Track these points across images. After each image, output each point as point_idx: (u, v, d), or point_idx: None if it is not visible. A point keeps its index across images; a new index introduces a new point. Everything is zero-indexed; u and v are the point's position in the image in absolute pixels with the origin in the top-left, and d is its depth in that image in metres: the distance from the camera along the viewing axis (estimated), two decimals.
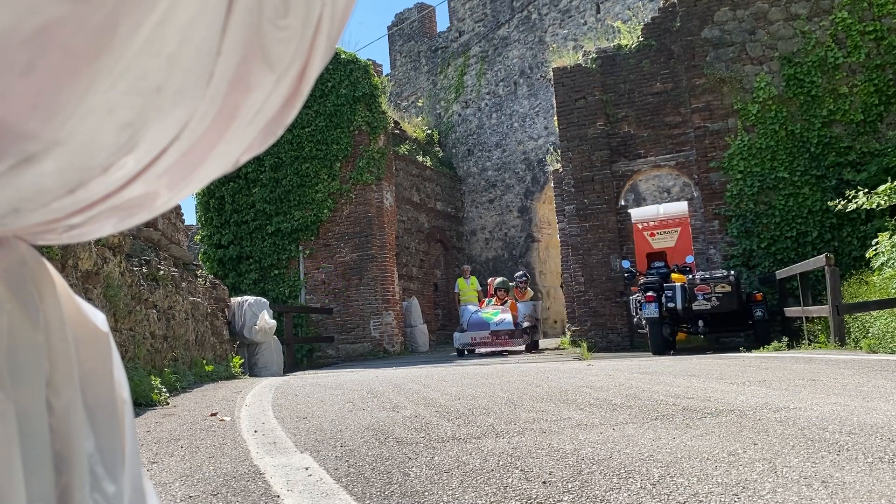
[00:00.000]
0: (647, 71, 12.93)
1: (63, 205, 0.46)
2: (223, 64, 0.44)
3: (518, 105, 21.09)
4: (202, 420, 4.41)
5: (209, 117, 0.46)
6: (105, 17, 0.37)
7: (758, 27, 11.90)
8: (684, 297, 10.22)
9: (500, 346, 13.41)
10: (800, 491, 1.95)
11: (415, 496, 2.17)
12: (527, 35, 20.94)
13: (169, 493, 2.44)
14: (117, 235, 5.99)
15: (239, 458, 3.00)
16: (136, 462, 0.59)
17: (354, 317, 15.25)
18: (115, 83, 0.40)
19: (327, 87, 15.47)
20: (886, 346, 7.00)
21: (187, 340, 7.85)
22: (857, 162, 11.10)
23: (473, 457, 2.67)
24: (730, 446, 2.58)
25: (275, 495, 2.29)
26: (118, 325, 5.95)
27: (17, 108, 0.38)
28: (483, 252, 21.52)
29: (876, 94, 11.11)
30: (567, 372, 6.64)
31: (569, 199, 13.26)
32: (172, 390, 6.18)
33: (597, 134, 13.09)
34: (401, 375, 7.28)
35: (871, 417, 3.04)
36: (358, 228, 15.39)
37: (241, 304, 10.18)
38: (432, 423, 3.57)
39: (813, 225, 11.26)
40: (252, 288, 15.19)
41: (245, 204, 15.88)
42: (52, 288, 0.53)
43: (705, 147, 12.10)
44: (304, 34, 0.46)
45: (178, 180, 0.51)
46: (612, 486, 2.12)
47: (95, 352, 0.58)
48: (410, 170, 19.06)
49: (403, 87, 23.98)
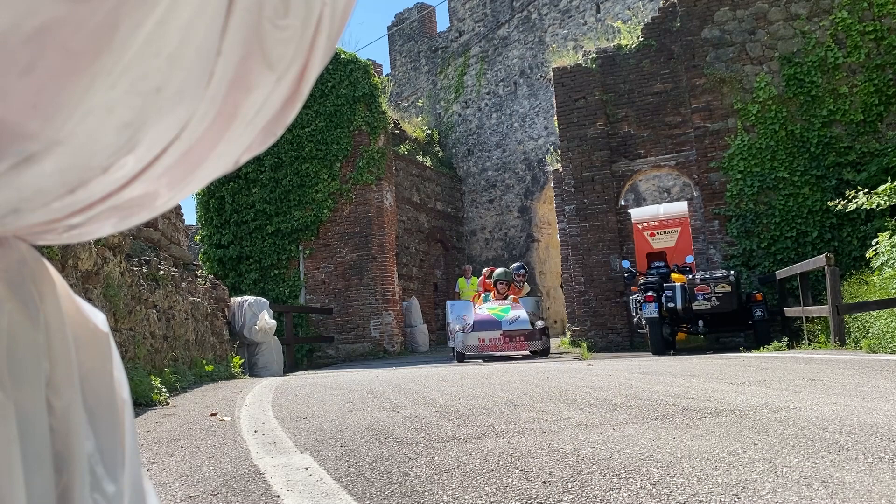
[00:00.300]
0: (647, 71, 12.93)
1: (63, 205, 0.46)
2: (223, 64, 0.44)
3: (518, 105, 21.09)
4: (202, 420, 4.40)
5: (209, 117, 0.46)
6: (105, 17, 0.37)
7: (758, 27, 11.90)
8: (684, 297, 10.22)
9: (515, 349, 10.90)
10: (800, 491, 1.95)
11: (415, 496, 2.17)
12: (527, 35, 20.93)
13: (169, 493, 2.44)
14: (117, 235, 5.98)
15: (239, 458, 3.00)
16: (136, 462, 0.59)
17: (354, 317, 15.25)
18: (115, 83, 0.40)
19: (327, 87, 15.47)
20: (886, 346, 7.00)
21: (187, 340, 7.85)
22: (857, 162, 11.10)
23: (473, 457, 2.67)
24: (730, 446, 2.58)
25: (275, 495, 2.29)
26: (118, 325, 5.95)
27: (17, 108, 0.38)
28: (483, 252, 21.51)
29: (876, 94, 11.11)
30: (567, 372, 6.64)
31: (569, 199, 13.26)
32: (172, 390, 6.18)
33: (597, 134, 13.09)
34: (401, 375, 7.28)
35: (871, 417, 3.04)
36: (358, 228, 15.39)
37: (241, 304, 10.18)
38: (432, 423, 3.57)
39: (813, 225, 11.26)
40: (252, 288, 15.19)
41: (245, 204, 15.88)
42: (52, 288, 0.53)
43: (705, 147, 12.10)
44: (304, 34, 0.46)
45: (179, 180, 0.51)
46: (612, 486, 2.12)
47: (95, 352, 0.58)
48: (410, 170, 19.06)
49: (403, 87, 23.98)
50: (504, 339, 10.67)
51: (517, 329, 10.74)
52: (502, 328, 10.74)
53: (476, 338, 10.71)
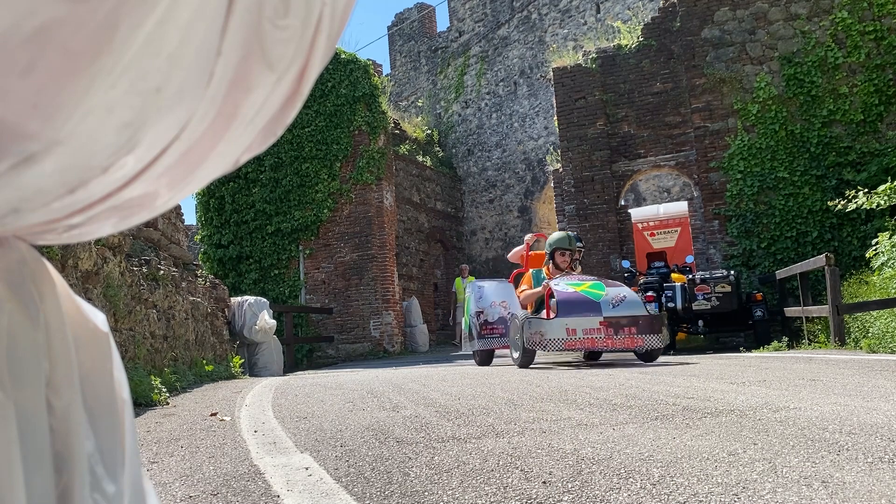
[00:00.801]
0: (647, 71, 12.93)
1: (63, 205, 0.46)
2: (223, 64, 0.44)
3: (518, 105, 21.09)
4: (202, 420, 4.41)
5: (209, 117, 0.46)
6: (105, 17, 0.37)
7: (758, 27, 11.90)
8: (684, 296, 10.23)
9: (623, 346, 6.99)
10: (800, 491, 1.95)
11: (415, 496, 2.17)
12: (527, 35, 20.93)
13: (169, 493, 2.44)
14: (117, 235, 5.98)
15: (239, 458, 3.00)
16: (136, 462, 0.59)
17: (354, 317, 15.25)
18: (115, 83, 0.40)
19: (327, 87, 15.47)
20: (886, 346, 7.00)
21: (187, 340, 7.85)
22: (857, 162, 11.10)
23: (473, 457, 2.67)
24: (730, 446, 2.58)
25: (275, 495, 2.29)
26: (118, 325, 5.95)
27: (17, 108, 0.38)
28: (483, 252, 21.52)
29: (876, 94, 11.11)
30: (567, 372, 6.64)
31: (569, 199, 13.26)
32: (172, 390, 6.18)
33: (597, 134, 13.09)
34: (401, 375, 7.28)
35: (871, 417, 3.04)
36: (358, 228, 15.39)
37: (241, 304, 10.18)
38: (432, 423, 3.57)
39: (813, 225, 11.27)
40: (252, 288, 15.19)
41: (245, 204, 15.88)
42: (52, 288, 0.53)
43: (705, 147, 12.11)
44: (304, 34, 0.46)
45: (179, 180, 0.51)
46: (612, 486, 2.12)
47: (95, 352, 0.58)
48: (410, 170, 19.07)
49: (403, 87, 23.98)
50: (606, 330, 6.83)
51: (625, 314, 6.94)
52: (602, 312, 6.91)
53: (562, 327, 6.80)
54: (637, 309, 7.09)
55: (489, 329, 8.53)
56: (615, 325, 6.90)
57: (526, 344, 7.10)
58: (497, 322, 8.50)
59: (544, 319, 7.06)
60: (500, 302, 8.62)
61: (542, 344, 6.95)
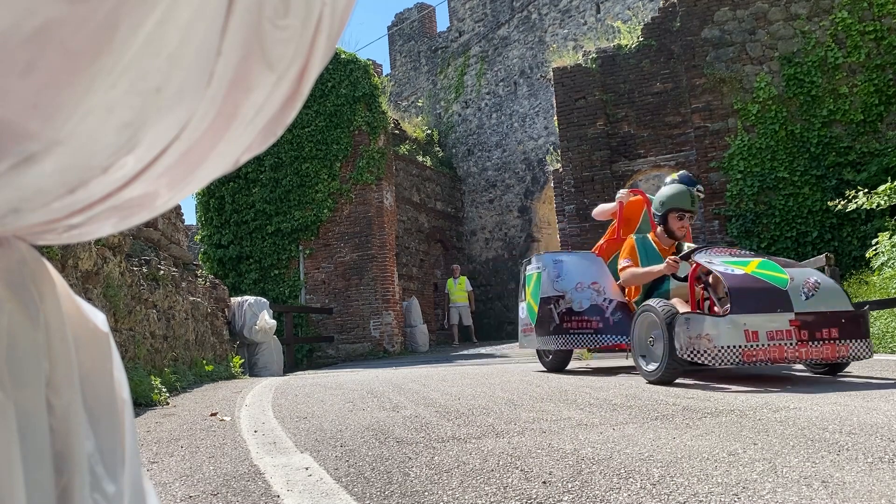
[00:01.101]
0: (647, 71, 12.93)
1: (63, 205, 0.46)
2: (223, 64, 0.44)
3: (518, 105, 21.09)
4: (202, 420, 4.40)
5: (209, 117, 0.46)
6: (105, 17, 0.37)
7: (758, 27, 11.90)
8: None
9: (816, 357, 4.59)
10: (800, 491, 1.95)
11: (415, 496, 2.17)
12: (527, 35, 20.93)
13: (169, 493, 2.44)
14: (117, 235, 5.98)
15: (239, 458, 3.00)
16: (136, 462, 0.59)
17: (354, 317, 15.25)
18: (115, 83, 0.40)
19: (327, 87, 15.47)
20: (886, 346, 7.00)
21: (187, 340, 7.85)
22: (857, 162, 11.10)
23: (473, 457, 2.67)
24: (730, 446, 2.58)
25: (275, 495, 2.29)
26: (118, 325, 5.95)
27: (17, 108, 0.38)
28: (483, 252, 21.52)
29: (876, 94, 11.11)
30: (567, 372, 6.64)
31: (569, 199, 13.26)
32: (172, 390, 6.18)
33: (597, 134, 13.09)
34: (401, 375, 7.28)
35: (871, 417, 3.04)
36: (358, 228, 15.39)
37: (241, 304, 10.18)
38: (432, 423, 3.57)
39: (813, 225, 11.27)
40: (252, 288, 15.19)
41: (245, 204, 15.88)
42: (52, 288, 0.53)
43: (705, 147, 12.11)
44: (304, 34, 0.46)
45: (179, 180, 0.51)
46: (612, 486, 2.12)
47: (95, 352, 0.58)
48: (410, 170, 19.07)
49: (403, 87, 23.97)
50: (799, 333, 4.54)
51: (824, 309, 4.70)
52: (794, 307, 4.63)
53: (738, 330, 4.50)
54: (838, 301, 4.80)
55: (576, 322, 6.19)
56: (811, 327, 4.58)
57: (681, 352, 4.71)
58: (588, 312, 6.17)
59: (709, 316, 4.75)
60: (589, 283, 6.27)
61: (709, 353, 4.54)
